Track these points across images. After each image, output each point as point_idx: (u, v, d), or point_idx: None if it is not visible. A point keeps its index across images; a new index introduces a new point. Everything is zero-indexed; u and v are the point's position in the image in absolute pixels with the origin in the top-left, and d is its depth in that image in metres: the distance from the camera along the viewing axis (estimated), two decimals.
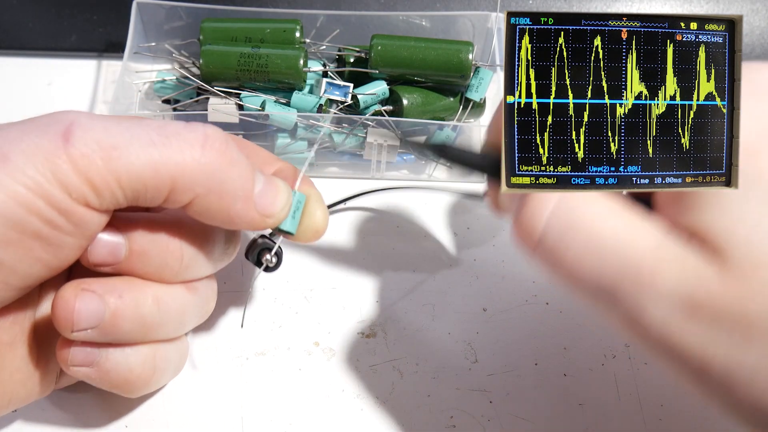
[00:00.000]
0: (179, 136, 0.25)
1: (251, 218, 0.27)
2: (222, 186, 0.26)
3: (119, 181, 0.24)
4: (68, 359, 0.27)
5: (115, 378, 0.27)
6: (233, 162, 0.26)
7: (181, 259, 0.27)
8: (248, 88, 0.39)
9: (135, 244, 0.27)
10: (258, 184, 0.27)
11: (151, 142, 0.25)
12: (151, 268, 0.27)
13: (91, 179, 0.24)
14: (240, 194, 0.26)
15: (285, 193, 0.28)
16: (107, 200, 0.24)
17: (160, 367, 0.29)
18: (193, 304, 0.29)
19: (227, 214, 0.26)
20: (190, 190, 0.25)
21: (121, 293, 0.26)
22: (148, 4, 0.41)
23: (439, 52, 0.39)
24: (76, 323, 0.26)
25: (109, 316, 0.26)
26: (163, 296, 0.27)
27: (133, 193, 0.25)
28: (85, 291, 0.26)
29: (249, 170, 0.27)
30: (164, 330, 0.28)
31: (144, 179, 0.24)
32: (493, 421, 0.32)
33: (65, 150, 0.23)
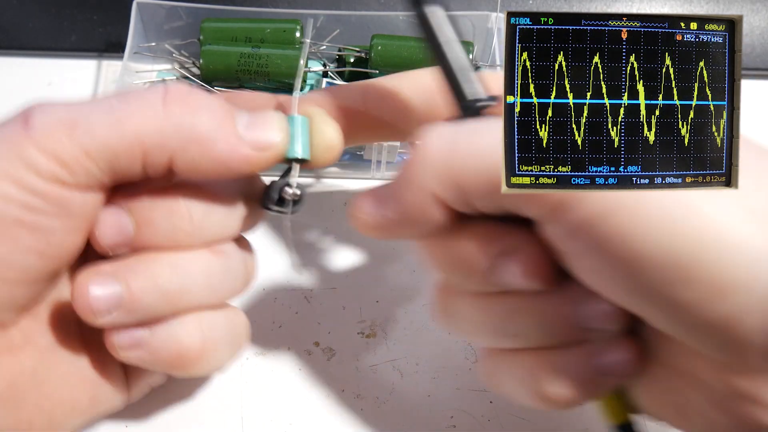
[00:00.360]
0: (138, 97, 0.25)
1: (245, 156, 0.25)
2: (194, 133, 0.25)
3: (88, 153, 0.24)
4: (116, 345, 0.26)
5: (167, 354, 0.27)
6: (200, 107, 0.25)
7: (190, 219, 0.26)
8: (248, 88, 0.39)
9: (139, 215, 0.26)
10: (241, 119, 0.26)
11: (111, 108, 0.24)
12: (162, 236, 0.26)
13: (59, 156, 0.23)
14: (219, 134, 0.25)
15: (276, 120, 0.26)
16: (81, 175, 0.24)
17: (208, 337, 0.27)
18: (221, 266, 0.28)
19: (214, 159, 0.25)
20: (163, 147, 0.25)
21: (134, 268, 0.26)
22: (148, 4, 0.41)
23: None
24: (95, 308, 0.25)
25: (126, 293, 0.25)
26: (180, 262, 0.27)
27: (107, 164, 0.24)
28: (97, 275, 0.26)
29: (223, 110, 0.26)
30: (193, 296, 0.27)
31: (112, 146, 0.24)
32: (493, 421, 0.32)
33: (27, 134, 0.23)
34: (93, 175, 0.24)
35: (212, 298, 0.28)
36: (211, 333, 0.28)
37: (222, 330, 0.28)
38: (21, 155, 0.23)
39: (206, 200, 0.27)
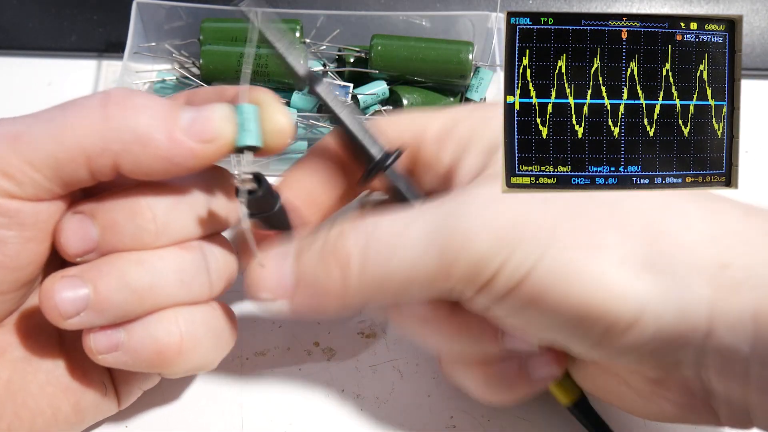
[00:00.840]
0: (78, 105, 0.25)
1: (190, 149, 0.25)
2: (135, 133, 0.25)
3: (31, 164, 0.24)
4: (93, 349, 0.26)
5: (146, 353, 0.27)
6: (139, 107, 0.25)
7: (153, 219, 0.26)
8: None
9: (102, 220, 0.26)
10: (184, 114, 0.26)
11: (51, 118, 0.25)
12: (128, 238, 0.26)
13: (3, 169, 0.24)
14: (161, 132, 0.25)
15: (219, 111, 0.26)
16: (28, 186, 0.24)
17: (187, 332, 0.27)
18: (192, 261, 0.27)
19: (160, 157, 0.25)
20: (105, 151, 0.24)
21: (101, 268, 0.26)
22: (148, 4, 0.41)
23: (439, 52, 0.39)
24: (62, 310, 0.25)
25: (93, 293, 0.25)
26: (149, 258, 0.26)
27: (53, 172, 0.24)
28: (63, 277, 0.26)
29: (165, 108, 0.25)
30: (165, 292, 0.27)
31: (54, 155, 0.24)
32: (493, 421, 0.32)
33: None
34: (41, 185, 0.25)
35: (186, 293, 0.28)
36: (189, 328, 0.27)
37: (202, 325, 0.28)
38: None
39: (169, 199, 0.27)
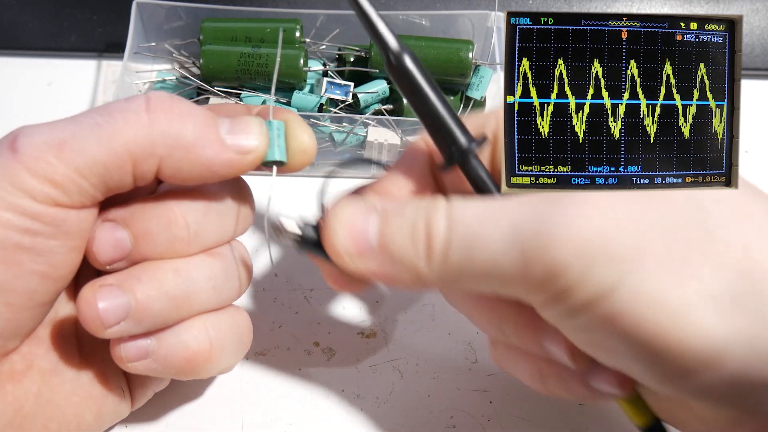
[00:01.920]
0: (121, 109, 0.25)
1: (229, 159, 0.26)
2: (180, 139, 0.25)
3: (78, 171, 0.24)
4: (123, 357, 0.26)
5: (175, 360, 0.27)
6: (184, 114, 0.25)
7: (187, 227, 0.26)
8: (248, 88, 0.39)
9: (136, 228, 0.26)
10: (223, 125, 0.26)
11: (96, 124, 0.24)
12: (161, 246, 0.26)
13: (50, 178, 0.24)
14: (204, 140, 0.25)
15: (256, 124, 0.27)
16: (75, 194, 0.24)
17: (216, 338, 0.28)
18: (221, 268, 0.28)
19: (201, 164, 0.25)
20: (151, 156, 0.25)
21: (139, 277, 0.26)
22: (148, 4, 0.41)
23: (439, 51, 0.39)
24: (104, 319, 0.25)
25: (134, 302, 0.25)
26: (184, 266, 0.27)
27: (99, 179, 0.24)
28: (103, 286, 0.25)
29: (206, 116, 0.26)
30: (198, 300, 0.27)
31: (102, 161, 0.24)
32: (493, 421, 0.32)
33: (15, 159, 0.23)
34: (86, 192, 0.24)
35: (217, 300, 0.28)
36: (218, 335, 0.28)
37: (228, 330, 0.29)
38: (13, 181, 0.23)
39: (200, 206, 0.27)
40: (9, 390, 0.26)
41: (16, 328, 0.25)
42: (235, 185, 0.29)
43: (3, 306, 0.24)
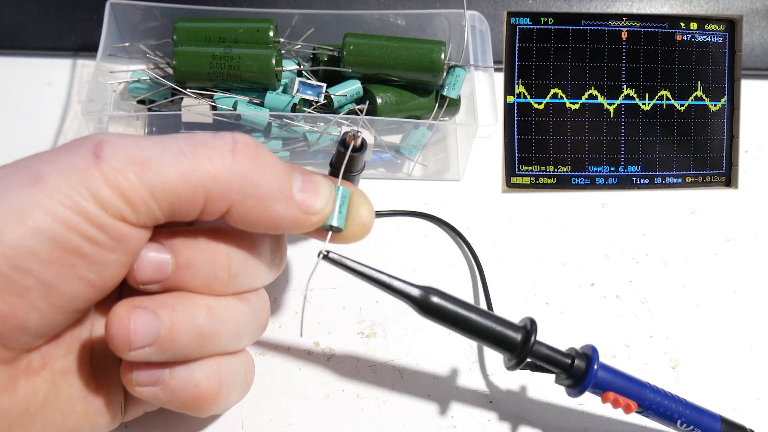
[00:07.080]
0: (208, 145, 0.25)
1: (294, 217, 0.26)
2: (257, 189, 0.25)
3: (153, 193, 0.24)
4: (133, 380, 0.26)
5: (182, 395, 0.27)
6: (265, 164, 0.26)
7: (228, 268, 0.27)
8: (221, 89, 0.39)
9: (181, 257, 0.26)
10: (296, 182, 0.27)
11: (181, 152, 0.24)
12: (200, 280, 0.27)
13: (125, 194, 0.24)
14: (278, 194, 0.26)
15: (326, 187, 0.27)
16: (143, 214, 0.24)
17: (226, 382, 0.28)
18: (248, 314, 0.28)
19: (268, 216, 0.26)
20: (225, 197, 0.25)
21: (173, 307, 0.26)
22: (121, 5, 0.40)
23: (411, 51, 0.39)
24: (133, 341, 0.25)
25: (164, 330, 0.25)
26: (216, 306, 0.27)
27: (168, 206, 0.25)
28: (137, 308, 0.25)
29: (284, 170, 0.26)
30: (221, 341, 0.27)
31: (177, 190, 0.24)
32: (493, 421, 0.33)
33: (97, 166, 0.23)
34: (153, 215, 0.25)
35: (236, 344, 0.29)
36: (227, 378, 0.28)
37: (238, 374, 0.29)
38: (90, 187, 0.23)
39: (244, 251, 0.27)
40: (21, 385, 0.25)
41: (49, 328, 0.25)
42: (279, 237, 0.29)
43: (46, 304, 0.24)
